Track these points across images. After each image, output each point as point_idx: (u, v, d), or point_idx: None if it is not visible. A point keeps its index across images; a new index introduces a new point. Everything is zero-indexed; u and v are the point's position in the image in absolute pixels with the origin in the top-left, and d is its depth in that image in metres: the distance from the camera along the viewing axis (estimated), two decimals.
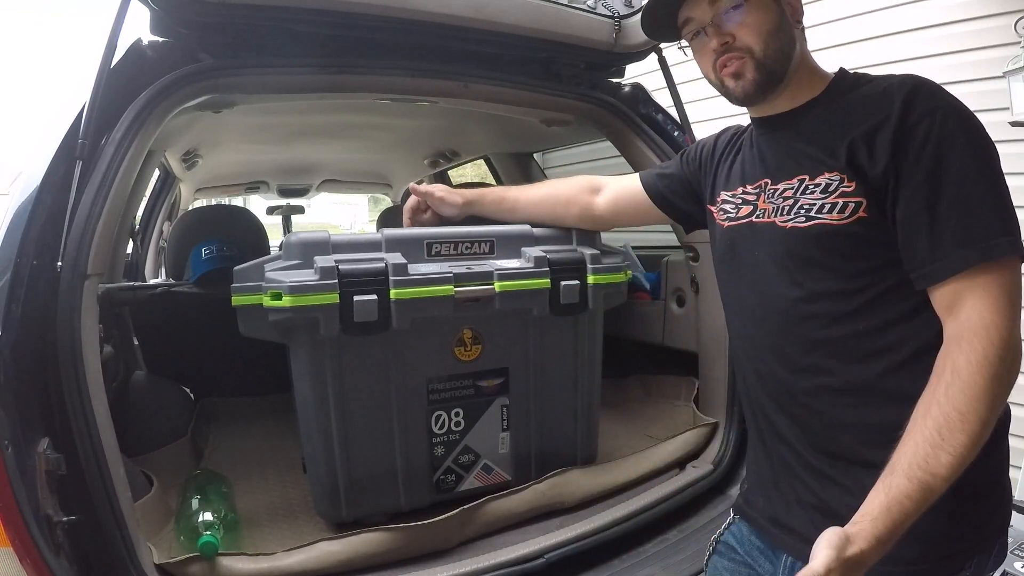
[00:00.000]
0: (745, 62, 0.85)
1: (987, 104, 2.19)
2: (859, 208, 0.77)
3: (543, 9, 1.46)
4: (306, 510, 1.33)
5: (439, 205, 1.35)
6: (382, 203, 4.78)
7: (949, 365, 0.71)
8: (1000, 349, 0.69)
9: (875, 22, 2.62)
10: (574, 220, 1.34)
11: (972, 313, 0.71)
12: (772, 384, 0.88)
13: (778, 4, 0.85)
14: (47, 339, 0.94)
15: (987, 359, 0.69)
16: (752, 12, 0.84)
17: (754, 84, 0.85)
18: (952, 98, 0.76)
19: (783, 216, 0.85)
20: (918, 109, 0.74)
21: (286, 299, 1.10)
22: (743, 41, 0.84)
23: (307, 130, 2.27)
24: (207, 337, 1.66)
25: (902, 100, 0.75)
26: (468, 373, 1.30)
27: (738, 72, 0.85)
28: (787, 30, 0.85)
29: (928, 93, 0.75)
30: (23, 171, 1.03)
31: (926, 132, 0.73)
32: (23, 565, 0.81)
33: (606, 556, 1.27)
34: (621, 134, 1.68)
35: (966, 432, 0.68)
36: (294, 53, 1.31)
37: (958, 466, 0.68)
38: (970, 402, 0.68)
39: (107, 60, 1.05)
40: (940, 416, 0.69)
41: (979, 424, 0.68)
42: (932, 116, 0.73)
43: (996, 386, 0.69)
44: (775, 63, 0.85)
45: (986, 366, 0.69)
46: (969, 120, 0.75)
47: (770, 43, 0.84)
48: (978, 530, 0.80)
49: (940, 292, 0.74)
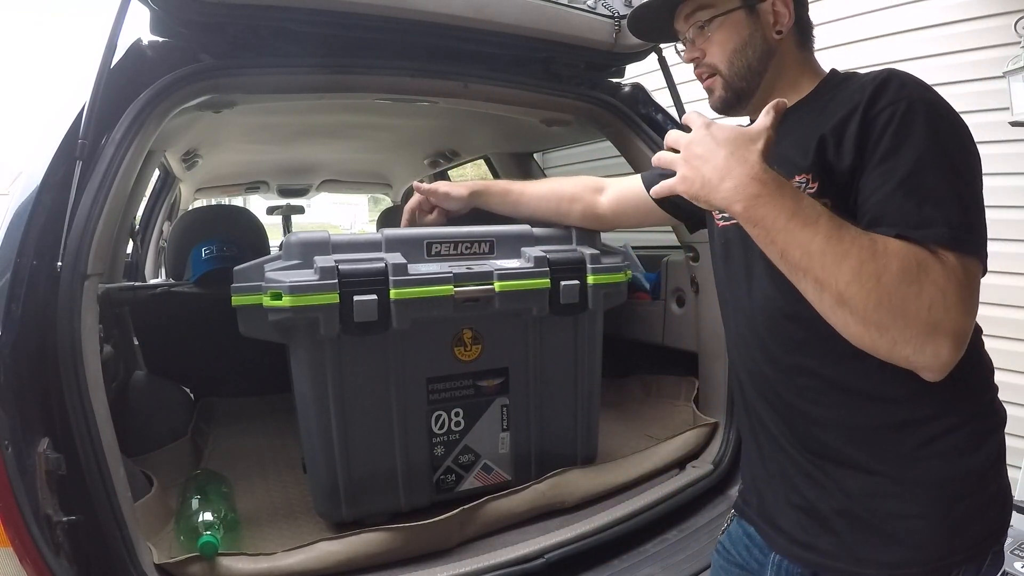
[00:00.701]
0: (714, 80, 0.89)
1: (987, 104, 2.20)
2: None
3: (543, 9, 1.46)
4: (306, 510, 1.33)
5: (444, 200, 1.35)
6: (382, 203, 4.78)
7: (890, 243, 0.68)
8: (929, 262, 0.66)
9: (875, 22, 2.62)
10: (577, 218, 1.34)
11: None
12: (760, 383, 0.89)
13: (751, 17, 0.86)
14: (47, 339, 0.94)
15: (916, 256, 0.66)
16: (717, 31, 0.86)
17: (721, 101, 0.89)
18: (924, 90, 0.73)
19: None
20: (885, 99, 0.73)
21: (286, 299, 1.10)
22: (710, 59, 0.88)
23: (307, 130, 2.27)
24: (207, 337, 1.66)
25: (871, 91, 0.74)
26: (468, 373, 1.31)
27: (710, 88, 0.90)
28: (757, 45, 0.86)
29: (898, 84, 0.74)
30: (23, 171, 1.03)
31: (887, 119, 0.72)
32: (23, 565, 0.81)
33: (606, 556, 1.27)
34: (621, 134, 1.68)
35: (861, 259, 0.66)
36: (294, 53, 1.31)
37: (812, 266, 0.67)
38: (872, 255, 0.66)
39: (107, 60, 1.05)
40: (853, 236, 0.67)
41: (854, 268, 0.65)
42: (896, 105, 0.72)
43: (894, 276, 0.65)
44: (740, 80, 0.87)
45: (903, 277, 0.65)
46: (937, 110, 0.72)
47: (735, 62, 0.86)
48: (966, 535, 0.76)
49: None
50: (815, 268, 0.68)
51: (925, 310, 0.65)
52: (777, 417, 0.87)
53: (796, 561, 0.85)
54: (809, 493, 0.84)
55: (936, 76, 2.36)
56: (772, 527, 0.89)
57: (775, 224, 0.69)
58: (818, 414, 0.82)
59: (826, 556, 0.81)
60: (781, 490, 0.88)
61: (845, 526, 0.80)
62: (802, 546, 0.84)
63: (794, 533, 0.85)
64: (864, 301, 0.66)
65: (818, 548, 0.82)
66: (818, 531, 0.82)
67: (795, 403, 0.84)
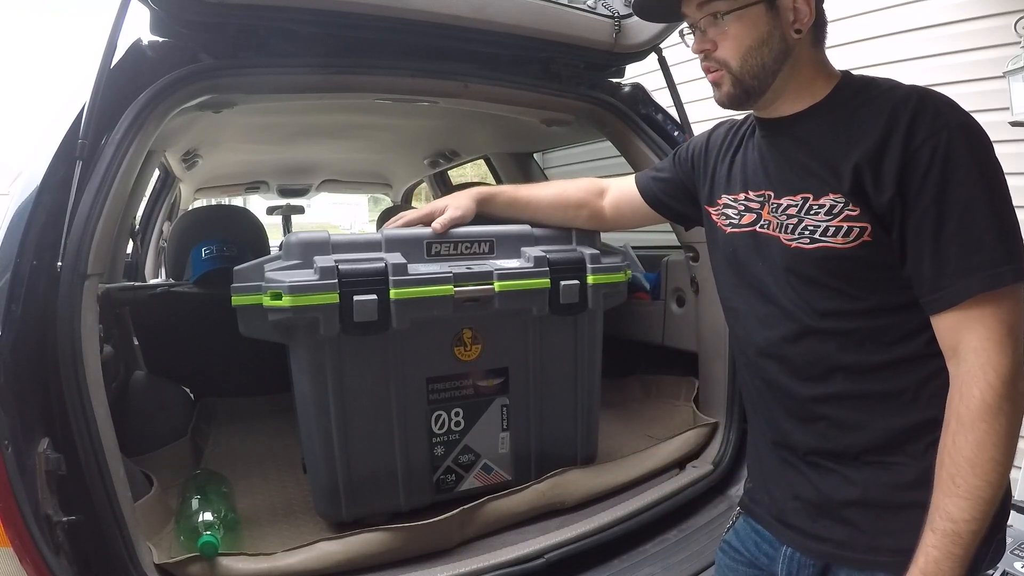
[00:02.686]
0: (722, 75, 0.84)
1: (987, 104, 2.19)
2: (864, 232, 0.76)
3: (543, 9, 1.46)
4: (306, 510, 1.33)
5: (459, 222, 1.27)
6: (382, 203, 4.78)
7: (954, 414, 0.73)
8: (999, 389, 0.70)
9: (875, 22, 2.62)
10: (583, 222, 1.34)
11: (970, 355, 0.72)
12: (776, 390, 0.89)
13: (771, 13, 0.80)
14: (47, 339, 0.94)
15: (985, 403, 0.70)
16: (734, 24, 0.81)
17: (728, 97, 0.85)
18: (958, 113, 0.74)
19: (788, 234, 0.83)
20: (923, 130, 0.72)
21: (286, 299, 1.10)
22: (721, 54, 0.83)
23: (307, 130, 2.27)
24: (207, 337, 1.66)
25: (908, 120, 0.73)
26: (468, 373, 1.30)
27: (716, 82, 0.85)
28: (774, 43, 0.81)
29: (935, 111, 0.73)
30: (23, 171, 1.03)
31: (930, 155, 0.71)
32: (23, 565, 0.81)
33: (606, 556, 1.27)
34: (621, 134, 1.68)
35: (978, 475, 0.70)
36: (294, 53, 1.31)
37: (978, 507, 0.70)
38: (976, 448, 0.70)
39: (107, 60, 1.05)
40: (951, 466, 0.71)
41: (991, 464, 0.70)
42: (937, 137, 0.72)
43: (1001, 425, 0.70)
44: (752, 79, 0.82)
45: (985, 410, 0.70)
46: (974, 138, 0.73)
47: (748, 59, 0.81)
48: None
49: (943, 324, 0.74)
50: (972, 523, 0.71)
51: (1010, 399, 0.71)
52: (793, 420, 0.88)
53: (809, 554, 0.86)
54: (822, 484, 0.85)
55: (936, 76, 2.37)
56: (783, 523, 0.90)
57: (945, 569, 0.71)
58: (840, 419, 0.83)
59: (840, 547, 0.83)
60: (793, 487, 0.89)
61: (860, 516, 0.81)
62: (815, 539, 0.85)
63: (806, 527, 0.86)
64: (998, 469, 0.71)
65: (832, 539, 0.83)
66: (831, 523, 0.84)
67: (816, 409, 0.85)
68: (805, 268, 0.82)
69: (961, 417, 0.71)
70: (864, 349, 0.80)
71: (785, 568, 0.89)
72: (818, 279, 0.81)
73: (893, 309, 0.79)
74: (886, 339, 0.79)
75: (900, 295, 0.78)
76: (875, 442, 0.81)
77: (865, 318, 0.80)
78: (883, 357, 0.79)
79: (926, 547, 0.72)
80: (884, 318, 0.79)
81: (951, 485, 0.71)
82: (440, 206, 1.29)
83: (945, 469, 0.72)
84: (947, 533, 0.71)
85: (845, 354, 0.81)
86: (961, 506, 0.70)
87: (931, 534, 0.72)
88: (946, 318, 0.73)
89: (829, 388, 0.83)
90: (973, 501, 0.70)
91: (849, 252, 0.78)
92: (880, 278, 0.78)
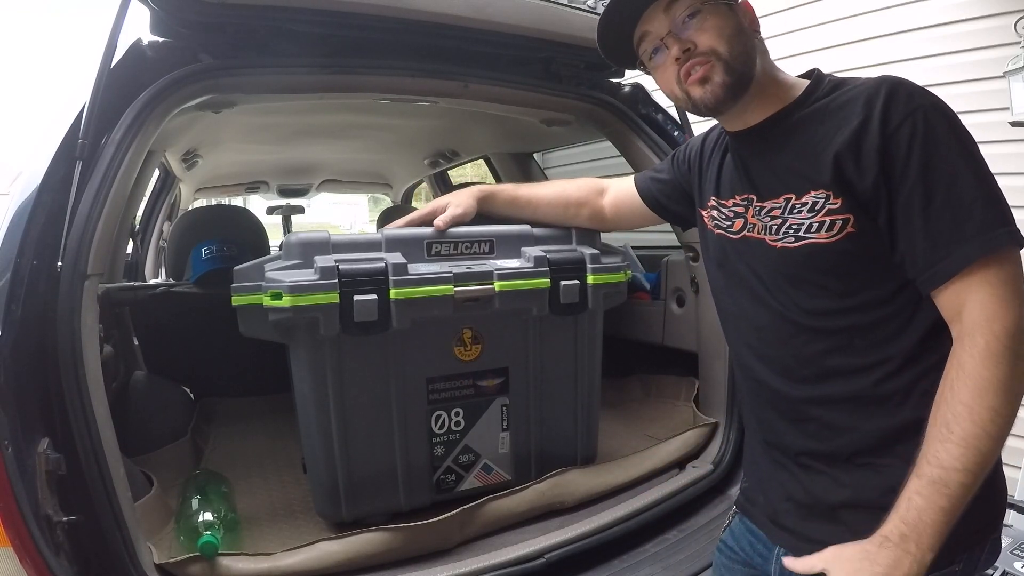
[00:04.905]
0: (712, 65, 0.81)
1: (987, 104, 2.20)
2: (847, 224, 0.77)
3: (543, 9, 1.46)
4: (306, 510, 1.33)
5: (461, 220, 1.28)
6: (382, 203, 4.78)
7: (955, 363, 0.71)
8: (1004, 338, 0.69)
9: (875, 22, 2.62)
10: (584, 221, 1.34)
11: (974, 308, 0.71)
12: (768, 391, 0.89)
13: (734, 13, 0.84)
14: (47, 339, 0.94)
15: (990, 349, 0.68)
16: (710, 17, 0.82)
17: (723, 87, 0.82)
18: (929, 95, 0.75)
19: (772, 235, 0.84)
20: (899, 112, 0.73)
21: (286, 299, 1.10)
22: (706, 44, 0.81)
23: (307, 130, 2.27)
24: (207, 337, 1.66)
25: (882, 105, 0.74)
26: (468, 373, 1.30)
27: (705, 76, 0.82)
28: (748, 35, 0.84)
29: (907, 94, 0.74)
30: (23, 171, 1.03)
31: (910, 134, 0.72)
32: (23, 565, 0.81)
33: (606, 556, 1.27)
34: (621, 134, 1.68)
35: (974, 422, 0.67)
36: (294, 53, 1.31)
37: (972, 456, 0.67)
38: (975, 393, 0.68)
39: (107, 60, 1.05)
40: (947, 412, 0.69)
41: (989, 412, 0.67)
42: (913, 116, 0.73)
43: (1005, 375, 0.68)
44: (742, 64, 0.82)
45: (989, 356, 0.68)
46: (948, 115, 0.74)
47: (734, 44, 0.81)
48: (968, 525, 0.77)
49: (945, 296, 0.73)
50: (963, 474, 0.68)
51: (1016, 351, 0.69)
52: (786, 422, 0.88)
53: (801, 555, 0.86)
54: (814, 489, 0.85)
55: (936, 76, 2.37)
56: (776, 524, 0.90)
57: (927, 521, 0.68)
58: (831, 420, 0.83)
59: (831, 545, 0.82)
60: (785, 488, 0.89)
61: (852, 518, 0.81)
62: (807, 540, 0.85)
63: (798, 528, 0.86)
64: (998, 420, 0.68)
65: (824, 541, 0.82)
66: (822, 524, 0.84)
67: (807, 411, 0.85)
68: (792, 267, 0.82)
69: (963, 364, 0.69)
70: (854, 349, 0.80)
71: (778, 569, 0.89)
72: (805, 277, 0.82)
73: (881, 304, 0.79)
74: (875, 338, 0.79)
75: (887, 288, 0.78)
76: (866, 444, 0.81)
77: (853, 315, 0.80)
78: (873, 357, 0.79)
79: (909, 493, 0.69)
80: (873, 315, 0.79)
81: (944, 431, 0.68)
82: (442, 204, 1.30)
83: (940, 416, 0.69)
84: (934, 480, 0.68)
85: (835, 354, 0.81)
86: (953, 453, 0.67)
87: (916, 480, 0.69)
88: (948, 290, 0.73)
89: (820, 389, 0.83)
90: (967, 449, 0.67)
91: (834, 246, 0.78)
92: (867, 271, 0.78)
